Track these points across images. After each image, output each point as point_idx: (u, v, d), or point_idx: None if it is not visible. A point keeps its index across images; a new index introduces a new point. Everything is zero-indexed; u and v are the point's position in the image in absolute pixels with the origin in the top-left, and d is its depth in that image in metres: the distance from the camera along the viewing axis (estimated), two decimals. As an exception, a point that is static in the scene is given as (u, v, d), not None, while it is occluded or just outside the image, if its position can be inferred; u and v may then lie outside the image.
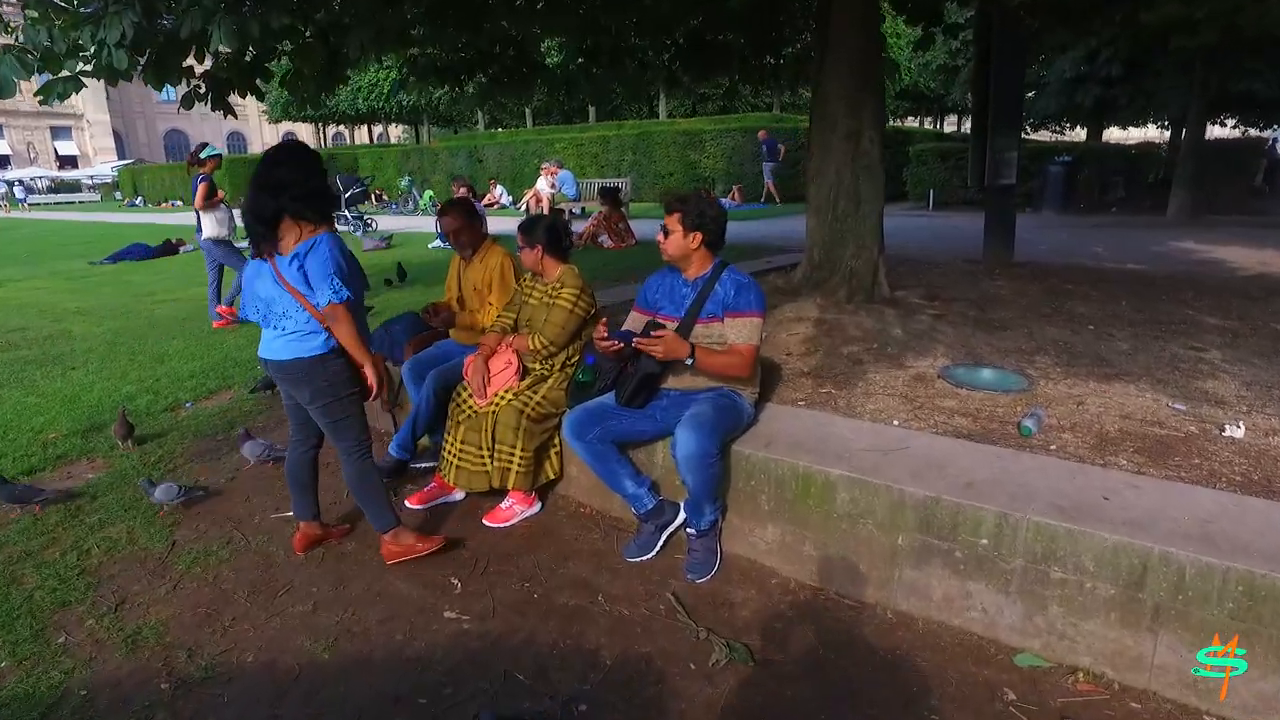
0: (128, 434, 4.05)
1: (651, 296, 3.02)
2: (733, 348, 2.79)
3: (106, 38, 4.04)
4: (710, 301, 2.82)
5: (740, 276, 2.86)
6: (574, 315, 3.30)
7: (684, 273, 2.93)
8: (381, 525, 2.94)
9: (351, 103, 33.40)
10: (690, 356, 2.71)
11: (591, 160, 21.69)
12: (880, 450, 2.80)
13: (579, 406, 2.98)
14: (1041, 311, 5.27)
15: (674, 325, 2.87)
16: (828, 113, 4.72)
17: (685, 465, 2.63)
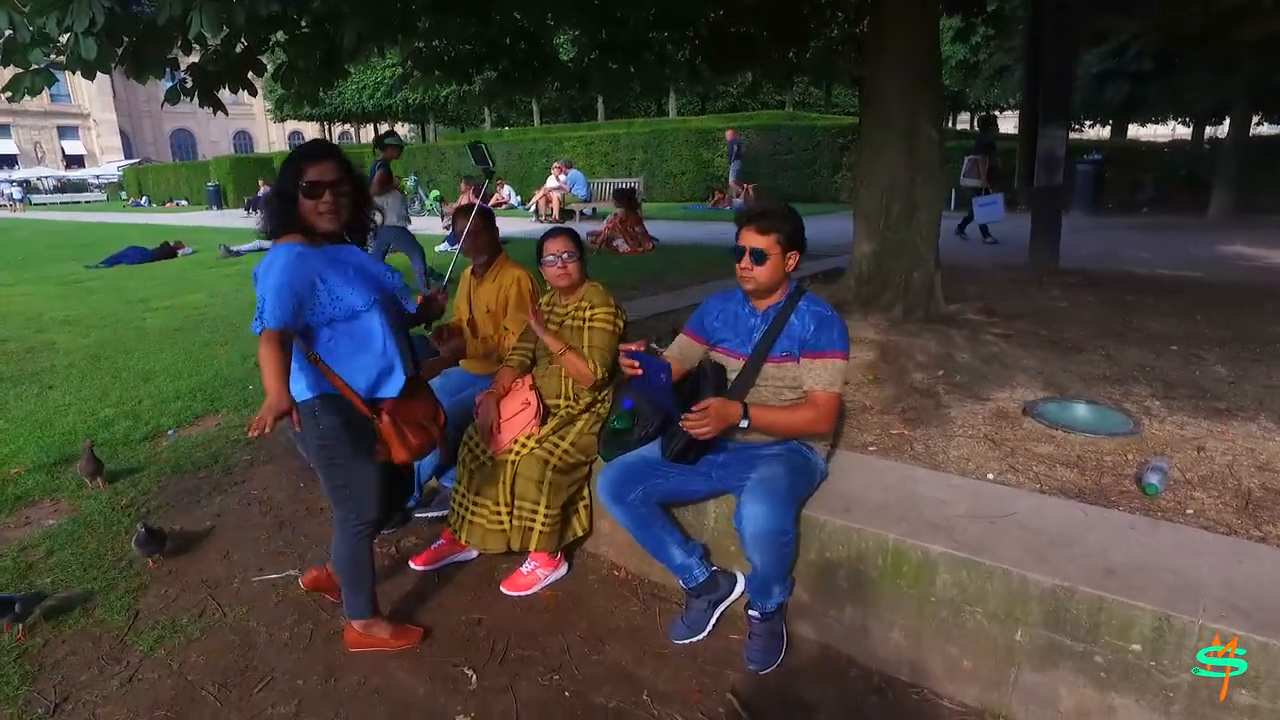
0: (95, 471, 3.57)
1: (710, 325, 2.51)
2: (810, 397, 2.29)
3: (74, 24, 3.58)
4: (785, 337, 2.32)
5: (822, 307, 2.35)
6: (615, 336, 2.81)
7: (754, 301, 2.42)
8: (355, 613, 2.45)
9: (358, 101, 33.00)
10: (744, 418, 2.23)
11: (601, 159, 21.21)
12: (983, 517, 2.30)
13: (615, 461, 2.49)
14: (1112, 329, 4.77)
15: (738, 364, 2.38)
16: (881, 107, 4.22)
17: (754, 544, 2.14)
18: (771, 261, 2.27)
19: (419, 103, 32.19)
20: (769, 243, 2.26)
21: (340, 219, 2.12)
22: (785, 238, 2.26)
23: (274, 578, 2.87)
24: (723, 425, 2.21)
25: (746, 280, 2.33)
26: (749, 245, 2.28)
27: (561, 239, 2.85)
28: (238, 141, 60.44)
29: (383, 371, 2.18)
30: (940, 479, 2.62)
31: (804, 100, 31.60)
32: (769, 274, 2.29)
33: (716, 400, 2.22)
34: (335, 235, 2.16)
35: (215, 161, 29.83)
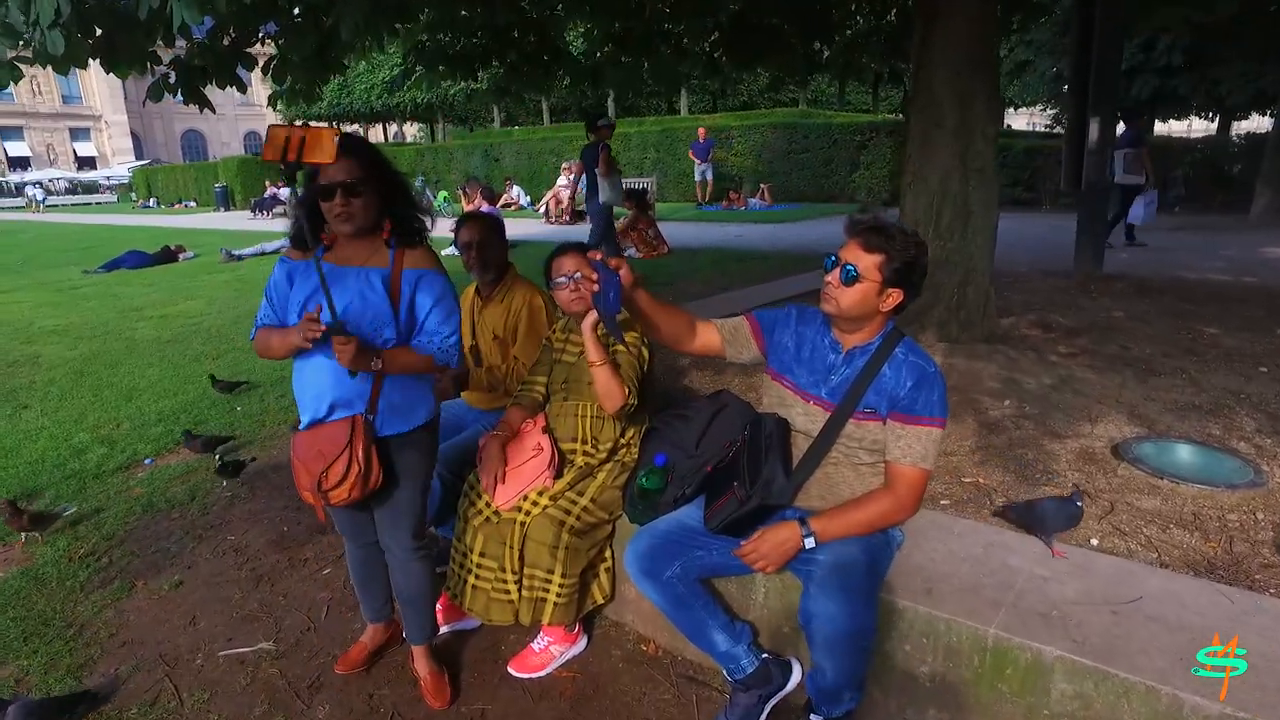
0: (26, 524, 3.11)
1: (781, 340, 2.02)
2: (892, 472, 1.84)
3: (39, 17, 3.19)
4: (873, 390, 1.86)
5: (923, 360, 1.88)
6: (641, 365, 2.38)
7: (837, 332, 1.96)
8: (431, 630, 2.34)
9: (366, 100, 32.67)
10: (809, 535, 1.81)
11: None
12: (1103, 604, 1.86)
13: (647, 528, 2.06)
14: (1181, 345, 4.31)
15: (802, 405, 1.94)
16: (932, 103, 3.77)
17: (827, 647, 1.70)
18: (863, 289, 1.80)
19: (427, 101, 31.84)
20: (870, 265, 1.79)
21: (356, 222, 1.90)
22: (892, 269, 1.78)
23: (244, 651, 2.46)
24: (787, 557, 1.82)
25: (827, 300, 1.86)
26: (845, 259, 1.81)
27: (573, 256, 2.42)
28: (248, 142, 60.32)
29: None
30: (1035, 547, 2.17)
31: (816, 98, 31.06)
32: (854, 303, 1.82)
33: (769, 532, 1.83)
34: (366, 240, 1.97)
35: (223, 162, 29.59)
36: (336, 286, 1.90)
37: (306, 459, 1.95)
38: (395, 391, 2.00)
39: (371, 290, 1.93)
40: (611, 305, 1.67)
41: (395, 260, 1.96)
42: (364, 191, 1.88)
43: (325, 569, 2.94)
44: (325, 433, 1.94)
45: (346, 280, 1.94)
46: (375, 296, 1.93)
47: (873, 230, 1.81)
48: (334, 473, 1.90)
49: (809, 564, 1.81)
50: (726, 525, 1.93)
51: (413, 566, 2.19)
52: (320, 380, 1.96)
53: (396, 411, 2.01)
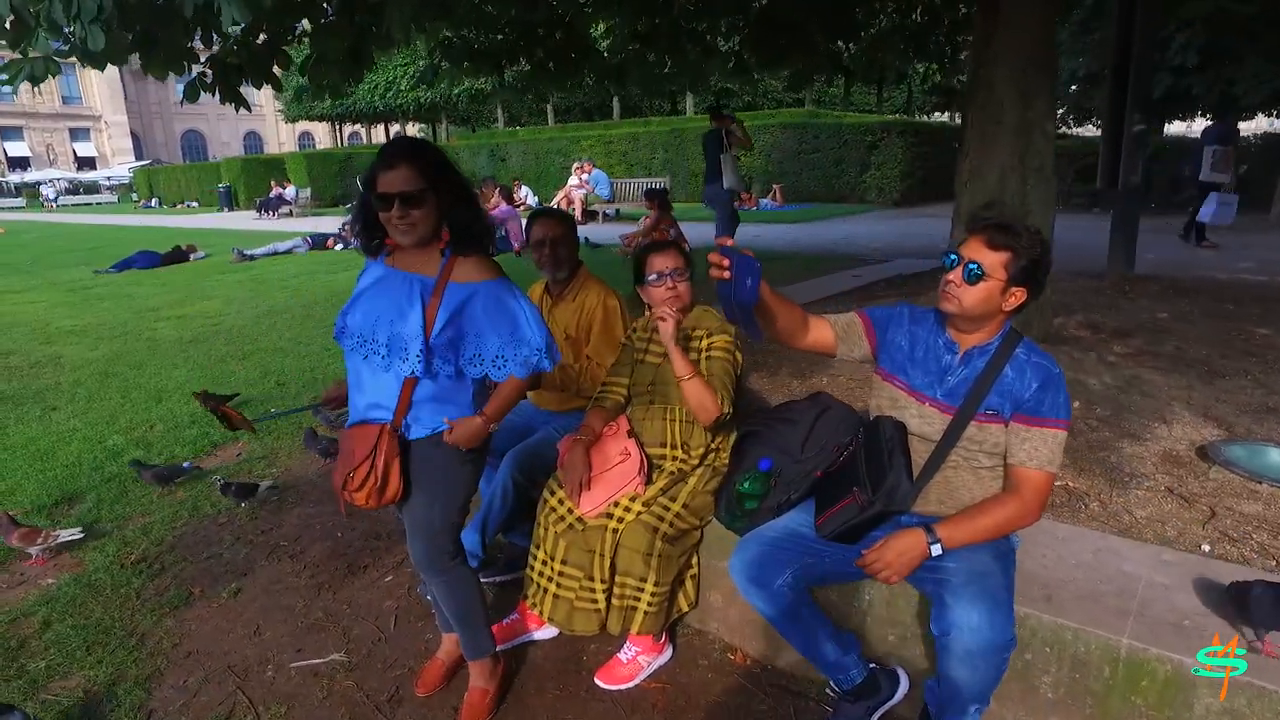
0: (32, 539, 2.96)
1: (895, 339, 1.94)
2: (1017, 476, 1.77)
3: (81, 11, 3.12)
4: (996, 392, 1.79)
5: (1045, 360, 1.80)
6: (736, 370, 2.31)
7: (953, 331, 1.88)
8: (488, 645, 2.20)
9: (369, 101, 32.57)
10: (935, 542, 1.73)
11: (620, 158, 20.73)
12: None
13: (755, 534, 1.99)
14: (1237, 347, 4.24)
15: (917, 408, 1.87)
16: (992, 100, 3.69)
17: (967, 660, 1.62)
18: (987, 288, 1.73)
19: (430, 102, 31.78)
20: (995, 263, 1.71)
21: (418, 233, 1.81)
22: (1018, 267, 1.70)
23: (316, 663, 2.37)
24: (912, 566, 1.73)
25: (948, 299, 1.79)
26: (968, 257, 1.73)
27: (669, 253, 2.34)
28: (248, 142, 60.22)
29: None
30: (1146, 553, 2.10)
31: (820, 98, 31.01)
32: (977, 302, 1.75)
33: (894, 539, 1.74)
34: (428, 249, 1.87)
35: (226, 162, 29.47)
36: (384, 293, 1.86)
37: (343, 456, 1.91)
38: (427, 394, 1.88)
39: (409, 301, 1.83)
40: (749, 294, 1.56)
41: (444, 271, 1.84)
42: (425, 201, 1.77)
43: (387, 576, 2.86)
44: (359, 434, 1.88)
45: (392, 287, 1.86)
46: (410, 308, 1.82)
47: (998, 227, 1.74)
48: (358, 477, 1.85)
49: (937, 572, 1.73)
50: (842, 532, 1.86)
51: (440, 583, 2.06)
52: (360, 379, 1.92)
53: (427, 412, 1.89)
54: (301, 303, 7.88)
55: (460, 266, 1.84)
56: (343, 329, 1.90)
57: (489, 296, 1.84)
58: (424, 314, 1.81)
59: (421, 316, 1.81)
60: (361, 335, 1.86)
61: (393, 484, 1.87)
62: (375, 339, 1.84)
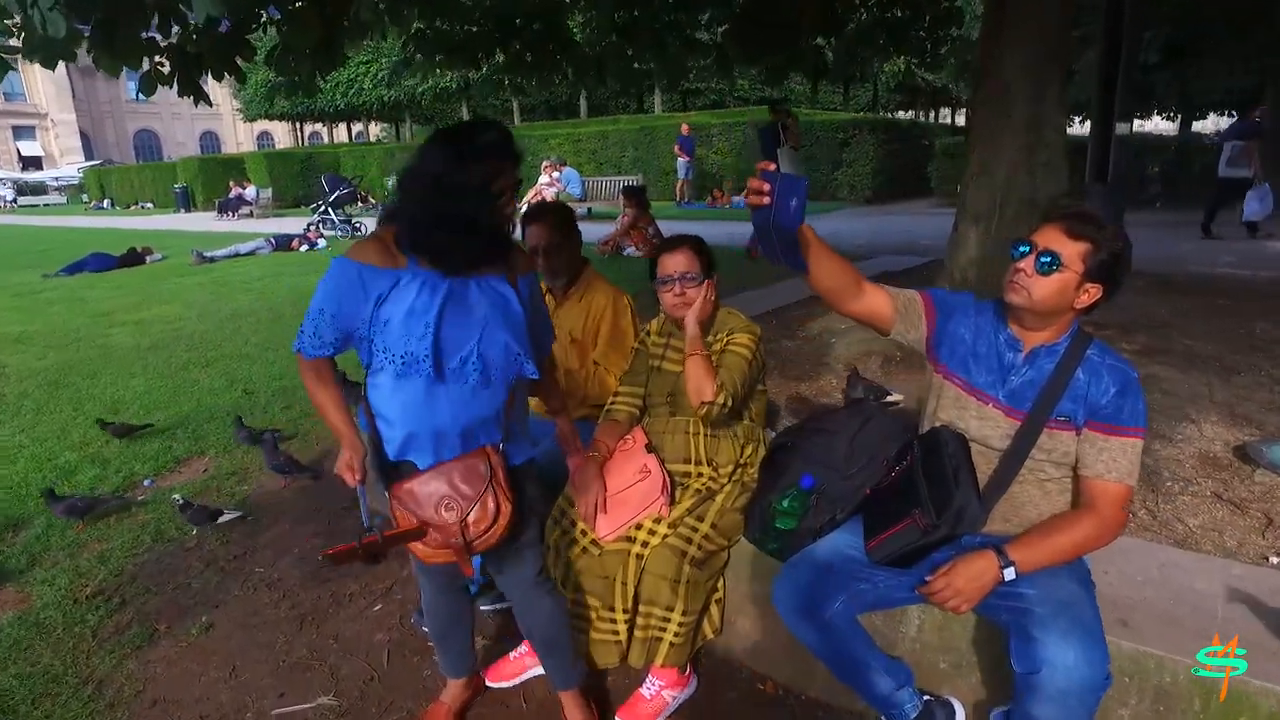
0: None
1: (955, 331, 1.77)
2: (1091, 490, 1.60)
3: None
4: (1068, 397, 1.62)
5: (1121, 363, 1.64)
6: (752, 369, 2.11)
7: (1016, 327, 1.71)
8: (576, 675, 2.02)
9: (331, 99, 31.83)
10: (1008, 566, 1.55)
11: (589, 157, 20.48)
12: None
13: (801, 559, 1.79)
14: (1244, 343, 4.16)
15: (976, 407, 1.70)
16: (1001, 93, 3.57)
17: (1061, 699, 1.43)
18: (1062, 280, 1.56)
19: (394, 100, 31.20)
20: (1073, 253, 1.55)
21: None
22: (1096, 260, 1.54)
23: (303, 709, 2.13)
24: (984, 593, 1.56)
25: (1016, 291, 1.61)
26: (1042, 245, 1.57)
27: (682, 253, 2.13)
28: (205, 142, 58.64)
29: None
30: (1213, 567, 1.95)
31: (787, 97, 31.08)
32: (1049, 295, 1.58)
33: (962, 564, 1.57)
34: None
35: (182, 162, 28.52)
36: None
37: (433, 508, 1.60)
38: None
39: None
40: (792, 217, 1.36)
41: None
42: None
43: (375, 605, 2.61)
44: (456, 472, 1.61)
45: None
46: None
47: (1080, 216, 1.57)
48: (480, 517, 1.59)
49: (1013, 600, 1.55)
50: (898, 557, 1.68)
51: (545, 603, 1.87)
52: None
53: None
54: (267, 306, 7.52)
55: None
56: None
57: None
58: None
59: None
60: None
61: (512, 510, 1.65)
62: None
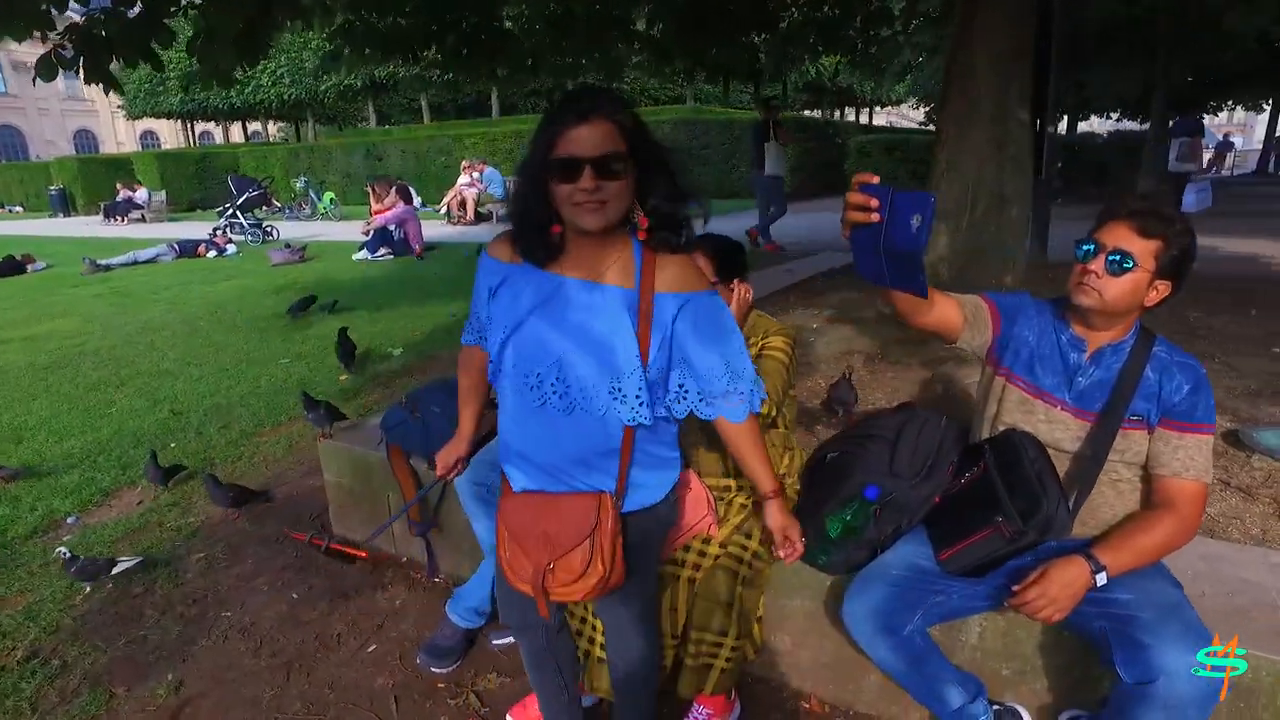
0: None
1: (1020, 333, 1.72)
2: (1167, 489, 1.57)
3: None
4: (1140, 396, 1.59)
5: (1192, 360, 1.62)
6: (788, 374, 2.00)
7: (1080, 328, 1.67)
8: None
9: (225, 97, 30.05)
10: (1100, 571, 1.49)
11: (506, 156, 19.98)
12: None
13: (876, 576, 1.69)
14: (1185, 330, 4.34)
15: (1063, 417, 1.65)
16: (969, 86, 3.61)
17: (1178, 710, 1.36)
18: (1134, 279, 1.52)
19: (294, 98, 29.79)
20: (1145, 251, 1.51)
21: (609, 215, 1.29)
22: (1168, 257, 1.51)
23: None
24: (1077, 600, 1.48)
25: (1085, 292, 1.57)
26: (1113, 245, 1.52)
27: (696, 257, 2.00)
28: (79, 141, 54.28)
29: None
30: (1252, 556, 1.97)
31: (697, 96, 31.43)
32: (1122, 295, 1.54)
33: (1055, 571, 1.48)
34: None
35: (58, 163, 26.27)
36: (563, 309, 1.36)
37: (526, 538, 1.41)
38: (647, 453, 1.43)
39: (612, 320, 1.34)
40: (914, 239, 1.22)
41: (644, 273, 1.34)
42: (624, 171, 1.27)
43: (369, 645, 2.37)
44: (560, 508, 1.40)
45: (568, 301, 1.36)
46: (616, 329, 1.34)
47: (1152, 213, 1.53)
48: (568, 567, 1.38)
49: (1108, 606, 1.50)
50: (976, 566, 1.61)
51: (637, 644, 1.61)
52: (526, 433, 1.41)
53: (643, 480, 1.45)
54: (182, 317, 6.94)
55: (665, 268, 1.35)
56: (501, 365, 1.40)
57: (702, 310, 1.37)
58: (639, 339, 1.33)
59: (636, 343, 1.33)
60: (538, 372, 1.36)
61: (619, 568, 1.40)
62: (562, 376, 1.35)
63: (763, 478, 1.55)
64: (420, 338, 5.68)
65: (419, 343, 5.56)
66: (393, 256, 9.53)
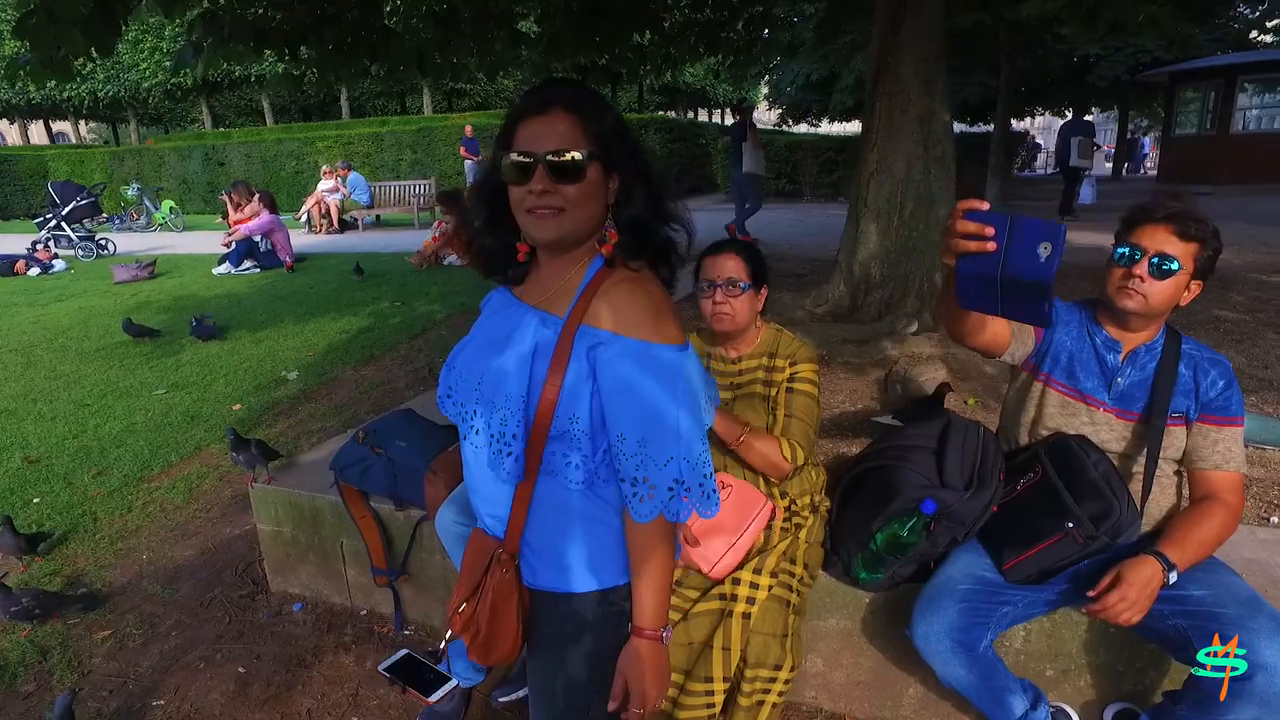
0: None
1: (1058, 350, 1.73)
2: (1206, 481, 1.62)
3: None
4: (1179, 393, 1.63)
5: (1218, 355, 1.68)
6: (819, 408, 1.92)
7: (1114, 329, 1.69)
8: None
9: (22, 93, 26.58)
10: (1171, 569, 1.49)
11: (363, 161, 19.02)
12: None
13: (947, 593, 1.63)
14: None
15: (1106, 418, 1.68)
16: (899, 90, 3.70)
17: (1275, 704, 1.40)
18: (1177, 281, 1.56)
19: (111, 96, 26.93)
20: (1186, 253, 1.55)
21: (564, 226, 1.07)
22: (1204, 258, 1.57)
23: None
24: (1153, 600, 1.48)
25: (1129, 295, 1.58)
26: (1154, 249, 1.54)
27: (729, 257, 1.88)
28: None
29: None
30: (1241, 535, 2.09)
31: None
32: (1167, 298, 1.58)
33: (1131, 573, 1.47)
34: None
35: None
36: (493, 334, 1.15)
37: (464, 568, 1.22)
38: (543, 519, 1.13)
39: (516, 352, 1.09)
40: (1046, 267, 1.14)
41: (581, 297, 1.08)
42: (587, 174, 1.05)
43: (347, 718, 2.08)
44: (474, 546, 1.21)
45: (505, 325, 1.14)
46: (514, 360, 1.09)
47: (1184, 216, 1.56)
48: (463, 610, 1.18)
49: (1178, 604, 1.51)
50: (1038, 575, 1.61)
51: None
52: (468, 466, 1.18)
53: (544, 555, 1.15)
54: (11, 346, 5.98)
55: (606, 296, 1.07)
56: (447, 391, 1.19)
57: (624, 359, 1.04)
58: (530, 374, 1.08)
59: (527, 378, 1.08)
60: (462, 402, 1.16)
61: (504, 640, 1.16)
62: (471, 409, 1.14)
63: (646, 605, 1.11)
64: (315, 358, 5.19)
65: (315, 364, 5.07)
66: (260, 270, 8.71)
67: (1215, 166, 13.53)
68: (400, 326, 5.88)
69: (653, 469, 1.04)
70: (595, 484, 1.11)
